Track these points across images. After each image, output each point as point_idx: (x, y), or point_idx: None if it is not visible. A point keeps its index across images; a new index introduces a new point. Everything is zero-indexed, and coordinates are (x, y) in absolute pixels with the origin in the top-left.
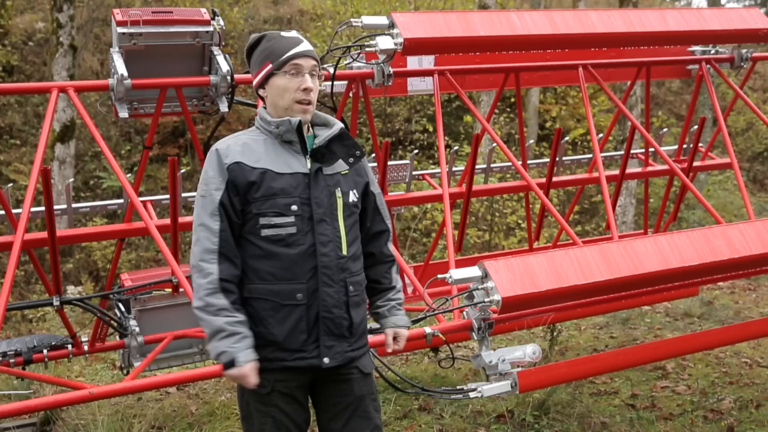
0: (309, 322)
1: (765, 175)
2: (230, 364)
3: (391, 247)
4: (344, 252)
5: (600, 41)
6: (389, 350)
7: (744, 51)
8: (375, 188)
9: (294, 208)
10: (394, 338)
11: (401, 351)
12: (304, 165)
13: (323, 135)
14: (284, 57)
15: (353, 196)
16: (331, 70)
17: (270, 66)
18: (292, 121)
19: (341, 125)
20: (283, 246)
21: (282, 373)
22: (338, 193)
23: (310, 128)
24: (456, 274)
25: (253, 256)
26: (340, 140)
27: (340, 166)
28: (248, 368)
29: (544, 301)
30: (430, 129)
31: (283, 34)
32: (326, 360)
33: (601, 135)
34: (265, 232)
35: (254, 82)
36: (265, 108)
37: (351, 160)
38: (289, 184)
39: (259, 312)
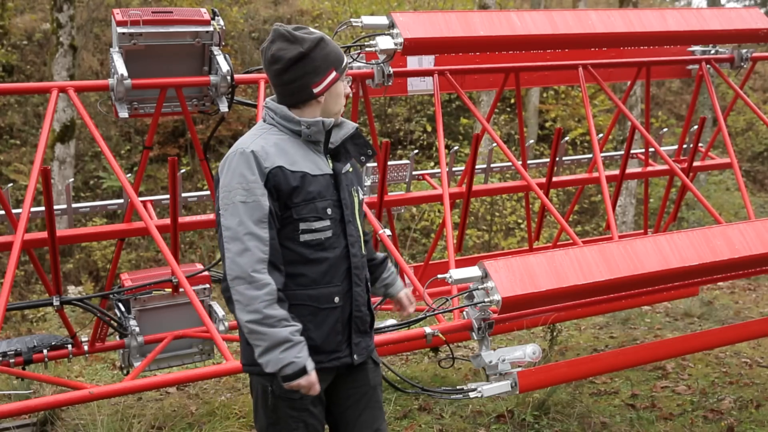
0: (343, 322)
1: (765, 175)
2: (299, 373)
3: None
4: (363, 250)
5: (600, 41)
6: (411, 311)
7: (744, 51)
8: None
9: (329, 211)
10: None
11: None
12: (327, 165)
13: (338, 134)
14: (344, 64)
15: (361, 194)
16: None
17: (335, 73)
18: (326, 122)
19: (355, 125)
20: (320, 250)
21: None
22: (354, 192)
23: None
24: (456, 274)
25: (289, 261)
26: (352, 139)
27: (348, 165)
28: (315, 375)
29: (544, 301)
30: (430, 129)
31: (326, 37)
32: (356, 357)
33: (601, 135)
34: (304, 237)
35: (319, 88)
36: (279, 102)
37: (363, 159)
38: (322, 185)
39: (297, 318)
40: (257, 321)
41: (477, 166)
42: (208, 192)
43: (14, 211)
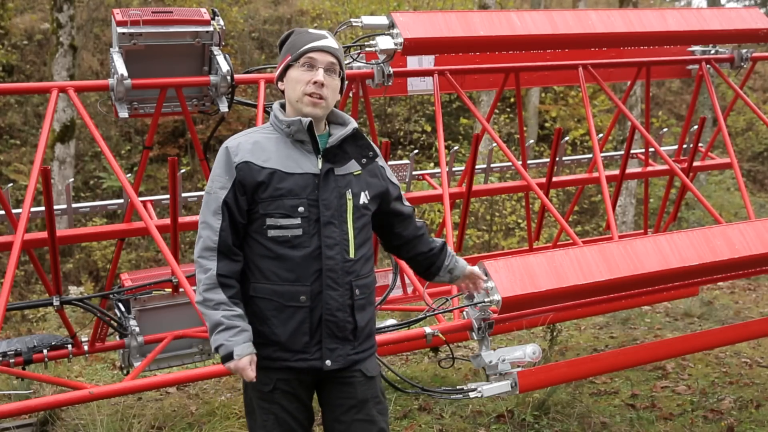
0: (312, 324)
1: (765, 175)
2: (228, 357)
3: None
4: (351, 255)
5: (600, 41)
6: (482, 283)
7: (744, 51)
8: (395, 189)
9: (301, 209)
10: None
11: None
12: (316, 165)
13: (337, 134)
14: (301, 50)
15: (364, 198)
16: None
17: (289, 58)
18: (303, 121)
19: (355, 125)
20: (288, 247)
21: (284, 372)
22: (348, 195)
23: (326, 126)
24: None
25: (259, 255)
26: (353, 140)
27: (353, 166)
28: (244, 361)
29: (544, 301)
30: (430, 129)
31: (310, 30)
32: (328, 362)
33: (601, 135)
34: (271, 232)
35: (276, 74)
36: (282, 104)
37: (364, 161)
38: (298, 184)
39: (264, 311)
40: (200, 303)
41: (477, 166)
42: None
43: (14, 211)
